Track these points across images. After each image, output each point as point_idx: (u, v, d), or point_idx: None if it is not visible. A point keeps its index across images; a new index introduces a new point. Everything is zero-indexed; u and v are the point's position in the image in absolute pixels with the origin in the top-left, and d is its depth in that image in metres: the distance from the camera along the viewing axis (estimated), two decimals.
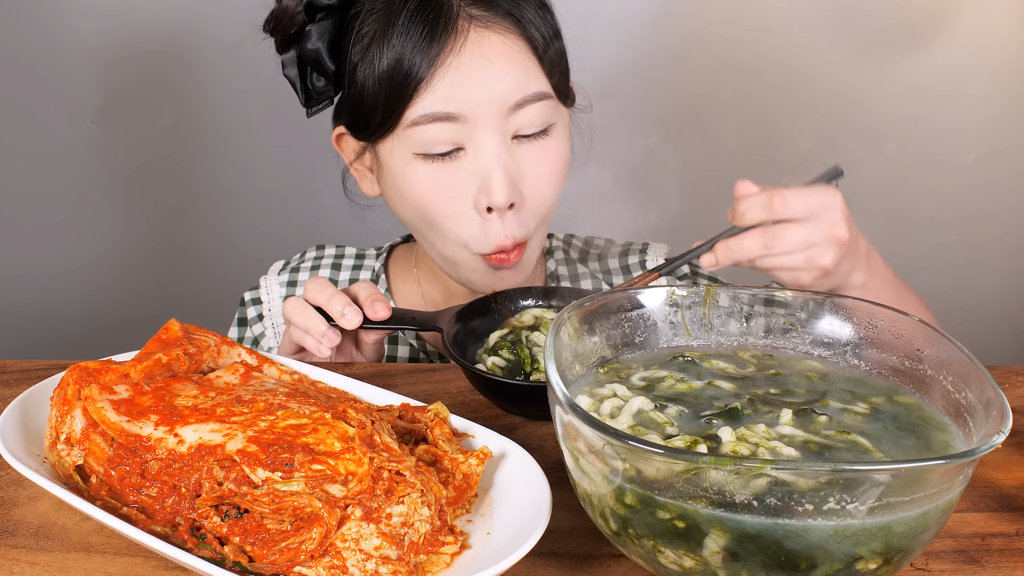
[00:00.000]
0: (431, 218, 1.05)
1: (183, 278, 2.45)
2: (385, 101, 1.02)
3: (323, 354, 0.96)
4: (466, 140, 1.02)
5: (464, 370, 0.88)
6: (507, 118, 1.02)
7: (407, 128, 1.02)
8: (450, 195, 1.03)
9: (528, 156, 1.04)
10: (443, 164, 1.03)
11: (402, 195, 1.07)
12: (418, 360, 1.20)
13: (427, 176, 1.03)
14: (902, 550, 0.54)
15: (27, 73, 2.27)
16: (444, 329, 0.94)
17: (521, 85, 1.02)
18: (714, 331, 0.75)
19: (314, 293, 0.97)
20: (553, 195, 1.07)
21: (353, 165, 1.14)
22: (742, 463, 0.51)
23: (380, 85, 1.02)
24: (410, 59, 1.00)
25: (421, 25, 1.00)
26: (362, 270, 1.26)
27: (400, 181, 1.05)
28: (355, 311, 0.95)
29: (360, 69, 1.04)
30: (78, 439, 0.68)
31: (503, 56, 1.01)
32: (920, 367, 0.67)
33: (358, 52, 1.04)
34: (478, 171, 1.02)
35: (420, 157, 1.03)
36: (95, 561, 0.65)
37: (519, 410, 0.88)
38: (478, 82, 1.00)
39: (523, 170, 1.04)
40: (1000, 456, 0.79)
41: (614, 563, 0.66)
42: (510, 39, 1.02)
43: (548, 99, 1.04)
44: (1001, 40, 2.35)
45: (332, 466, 0.62)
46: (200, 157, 2.38)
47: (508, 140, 1.03)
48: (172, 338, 0.79)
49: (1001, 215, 2.48)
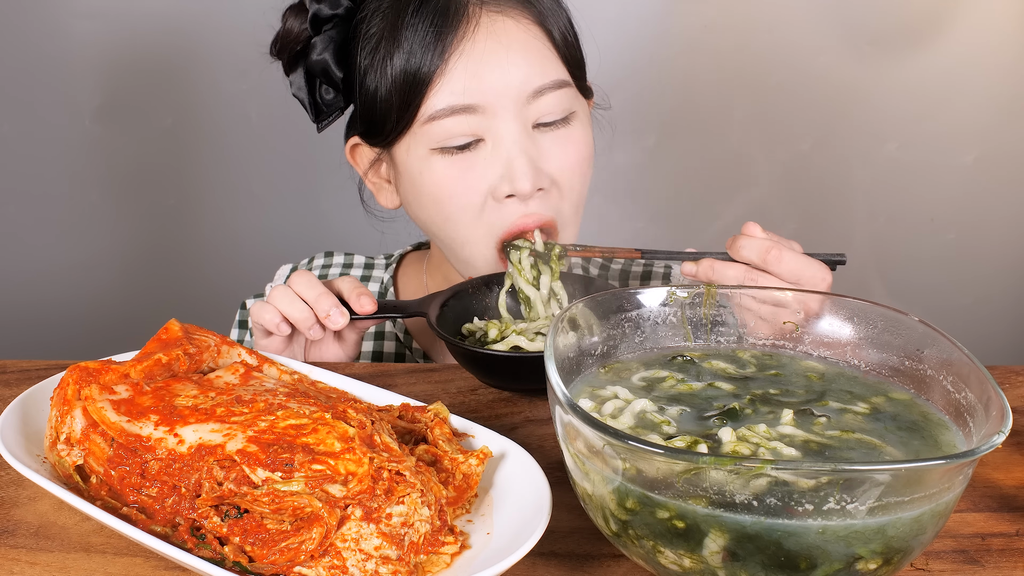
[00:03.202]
0: (449, 213, 1.03)
1: (183, 278, 2.45)
2: (399, 99, 1.00)
3: (313, 336, 0.96)
4: (485, 131, 1.00)
5: (449, 346, 0.91)
6: (527, 106, 1.00)
7: (424, 124, 1.00)
8: (470, 187, 1.01)
9: (552, 143, 1.02)
10: (462, 157, 1.00)
11: (420, 194, 1.04)
12: (405, 354, 1.20)
13: (446, 170, 1.01)
14: (902, 550, 0.54)
15: (27, 73, 2.27)
16: (429, 313, 0.96)
17: (540, 72, 1.00)
18: (714, 331, 0.75)
19: (302, 288, 0.96)
20: (579, 183, 1.05)
21: (369, 177, 1.12)
22: (742, 463, 0.51)
23: (394, 83, 1.00)
24: (422, 51, 0.98)
25: (430, 15, 0.98)
26: (371, 280, 1.25)
27: (418, 179, 1.03)
28: (341, 312, 0.94)
29: (371, 71, 1.02)
30: (78, 439, 0.68)
31: (519, 42, 0.99)
32: (920, 367, 0.67)
33: (367, 54, 1.02)
34: (499, 160, 1.00)
35: (438, 152, 1.01)
36: (95, 561, 0.65)
37: (507, 383, 0.91)
38: (494, 70, 0.98)
39: (547, 157, 1.01)
40: (1000, 456, 0.79)
41: (614, 563, 0.66)
42: (524, 24, 1.00)
43: (568, 87, 1.02)
44: (1001, 40, 2.35)
45: (332, 466, 0.62)
46: (200, 158, 2.38)
47: (529, 128, 1.01)
48: (172, 338, 0.79)
49: (1001, 215, 2.48)
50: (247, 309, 1.24)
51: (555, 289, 1.02)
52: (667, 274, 1.27)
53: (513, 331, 0.96)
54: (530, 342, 0.93)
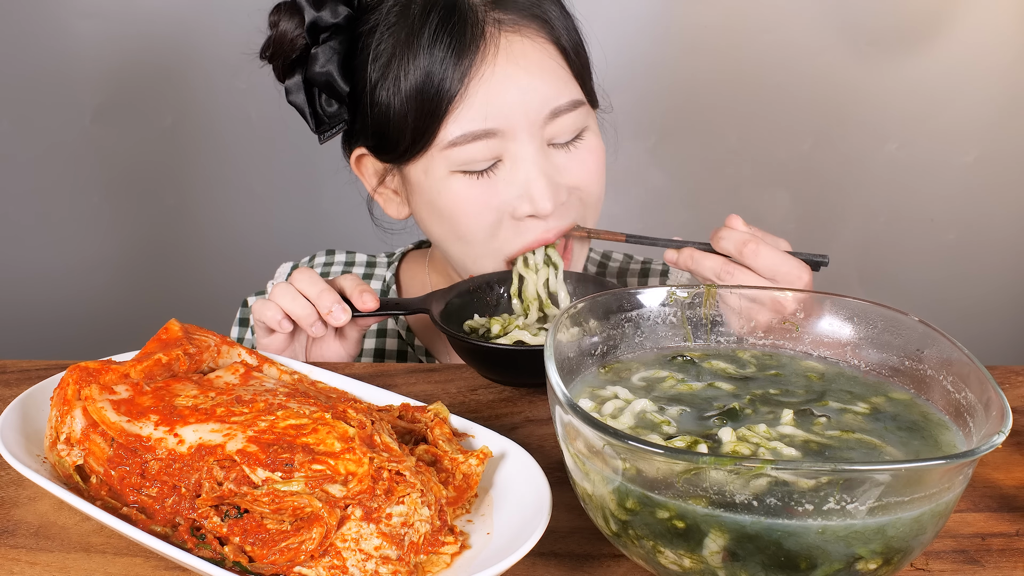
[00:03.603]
0: (464, 232, 1.03)
1: (183, 278, 2.45)
2: (415, 120, 0.99)
3: (315, 333, 0.96)
4: (504, 152, 1.00)
5: (452, 341, 0.91)
6: (544, 127, 1.00)
7: (444, 149, 0.99)
8: (491, 207, 1.01)
9: (568, 157, 1.03)
10: (483, 179, 1.00)
11: (435, 211, 1.04)
12: (407, 352, 1.20)
13: (466, 191, 1.00)
14: (902, 550, 0.54)
15: (27, 73, 2.28)
16: (432, 309, 0.96)
17: (556, 94, 1.00)
18: (714, 331, 0.75)
19: (304, 285, 0.96)
20: (599, 187, 1.06)
21: (377, 190, 1.11)
22: (742, 463, 0.51)
23: (408, 104, 0.98)
24: (440, 74, 0.97)
25: (448, 37, 0.97)
26: (373, 279, 1.25)
27: (436, 199, 1.02)
28: (343, 308, 0.94)
29: (382, 88, 1.00)
30: (78, 439, 0.68)
31: (536, 64, 0.99)
32: (920, 367, 0.67)
33: (377, 70, 1.00)
34: (518, 180, 1.00)
35: (459, 173, 1.00)
36: (95, 561, 0.65)
37: (510, 377, 0.91)
38: (513, 93, 0.98)
39: (563, 171, 1.02)
40: (1000, 456, 0.79)
41: (614, 563, 0.66)
42: (539, 43, 1.00)
43: (581, 106, 1.02)
44: (1001, 40, 2.35)
45: (332, 466, 0.62)
46: (199, 157, 2.38)
47: (545, 147, 1.01)
48: (172, 338, 0.79)
49: (1001, 215, 2.48)
50: (248, 307, 1.23)
51: (556, 287, 1.02)
52: (665, 271, 1.27)
53: (516, 326, 0.96)
54: (533, 336, 0.94)
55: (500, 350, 0.89)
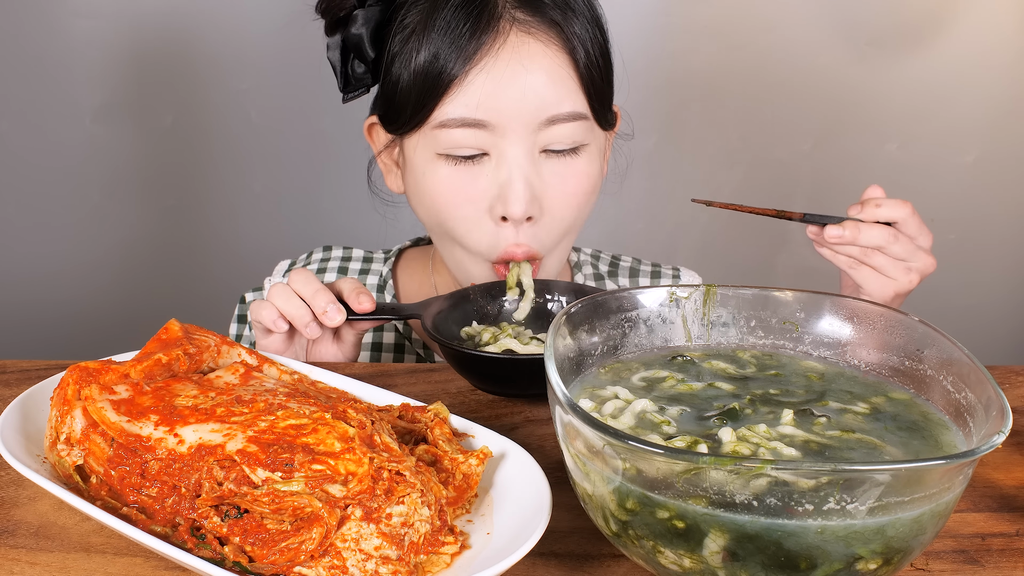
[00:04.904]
0: (445, 221, 1.04)
1: (183, 278, 2.45)
2: (417, 96, 1.01)
3: (310, 334, 0.96)
4: (492, 147, 1.00)
5: (441, 349, 0.90)
6: (537, 132, 1.00)
7: (434, 128, 1.00)
8: (468, 199, 1.02)
9: (553, 172, 1.02)
10: (465, 167, 1.01)
11: (420, 192, 1.06)
12: (404, 345, 1.20)
13: (447, 177, 1.02)
14: (902, 550, 0.54)
15: (27, 73, 2.28)
16: (424, 317, 0.96)
17: (556, 101, 1.00)
18: (714, 331, 0.75)
19: (300, 286, 0.96)
20: (573, 215, 1.05)
21: (381, 157, 1.13)
22: (742, 463, 0.51)
23: (414, 79, 1.00)
24: (446, 55, 0.98)
25: (463, 20, 0.98)
26: (369, 274, 1.25)
27: (420, 179, 1.04)
28: (338, 309, 0.94)
29: (398, 60, 1.03)
30: (78, 439, 0.68)
31: (542, 68, 0.99)
32: (920, 367, 0.67)
33: (398, 43, 1.03)
34: (499, 179, 1.01)
35: (443, 157, 1.01)
36: (95, 561, 0.65)
37: (498, 387, 0.90)
38: (512, 91, 0.98)
39: (546, 185, 1.02)
40: (1000, 456, 0.79)
41: (614, 563, 0.66)
42: (551, 50, 1.00)
43: (583, 120, 1.02)
44: (1001, 40, 2.35)
45: (332, 466, 0.62)
46: (200, 157, 2.38)
47: (535, 153, 1.01)
48: (172, 338, 0.79)
49: (1001, 215, 2.48)
50: (246, 303, 1.24)
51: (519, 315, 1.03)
52: (675, 275, 1.28)
53: (507, 334, 0.96)
54: (523, 345, 0.93)
55: (484, 358, 0.87)
